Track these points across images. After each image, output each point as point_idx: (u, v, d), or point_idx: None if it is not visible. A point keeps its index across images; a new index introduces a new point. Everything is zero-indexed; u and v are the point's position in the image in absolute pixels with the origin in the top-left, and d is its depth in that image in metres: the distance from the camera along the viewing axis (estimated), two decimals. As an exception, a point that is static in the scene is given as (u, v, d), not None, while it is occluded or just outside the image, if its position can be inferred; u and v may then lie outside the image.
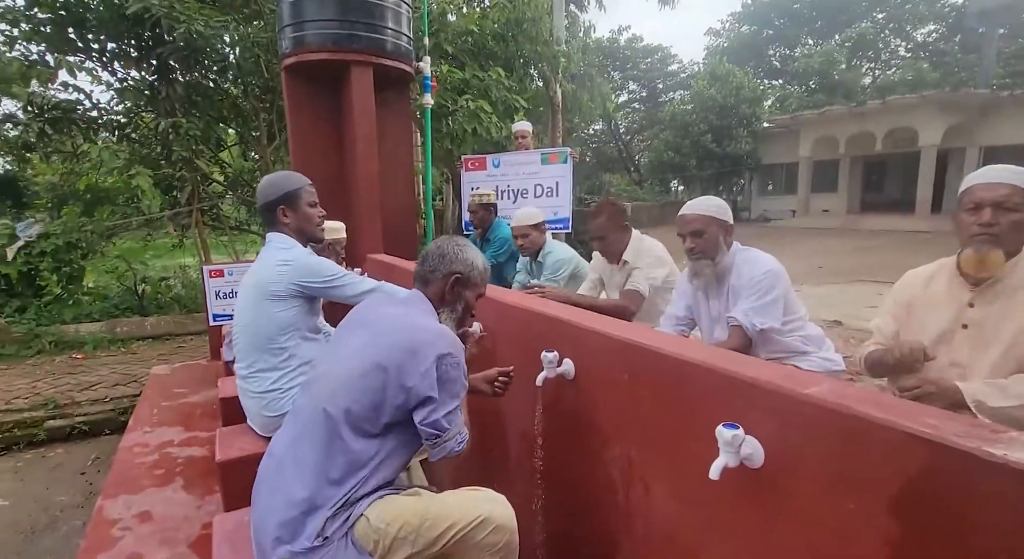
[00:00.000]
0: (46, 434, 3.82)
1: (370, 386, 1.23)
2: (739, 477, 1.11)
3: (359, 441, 1.23)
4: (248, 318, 1.88)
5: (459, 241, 1.53)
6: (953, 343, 1.50)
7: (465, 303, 1.53)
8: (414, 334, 1.28)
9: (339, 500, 1.19)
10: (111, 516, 2.02)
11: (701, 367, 1.22)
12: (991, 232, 1.40)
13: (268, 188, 1.97)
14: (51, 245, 5.52)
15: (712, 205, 1.96)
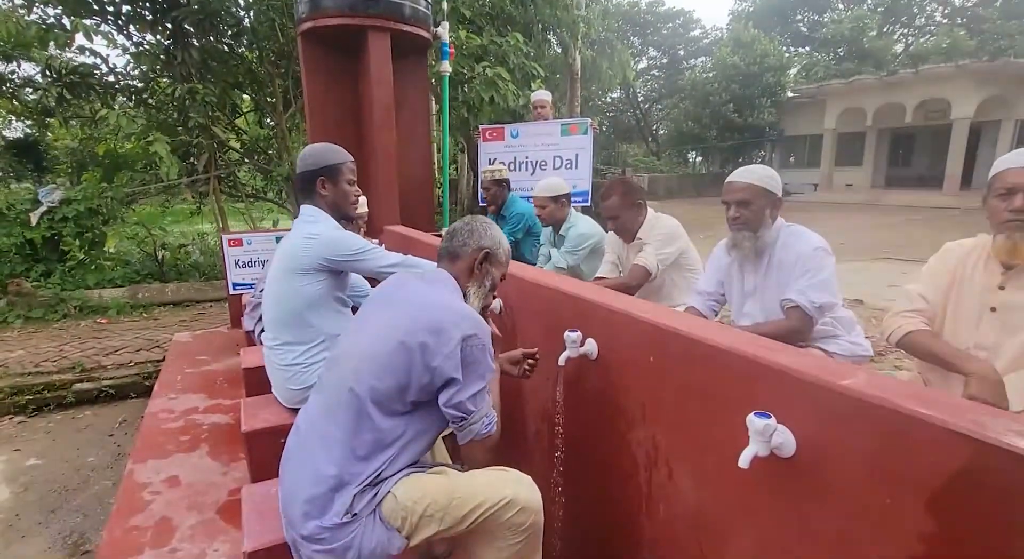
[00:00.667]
0: (75, 396, 3.93)
1: (394, 365, 1.23)
2: (768, 466, 1.10)
3: (386, 419, 1.23)
4: (276, 291, 1.89)
5: (485, 220, 1.54)
6: (981, 325, 1.46)
7: (492, 280, 1.52)
8: (439, 314, 1.27)
9: (367, 477, 1.20)
10: (141, 480, 2.08)
11: (731, 353, 1.20)
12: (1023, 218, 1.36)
13: (310, 158, 1.95)
14: (73, 211, 5.58)
15: (764, 175, 1.88)
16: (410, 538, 1.21)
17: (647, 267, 2.43)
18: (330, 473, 1.19)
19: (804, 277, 1.81)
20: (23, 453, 3.30)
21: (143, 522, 1.82)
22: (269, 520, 1.35)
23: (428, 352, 1.22)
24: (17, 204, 5.53)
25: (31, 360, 4.23)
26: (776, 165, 22.44)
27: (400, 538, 1.21)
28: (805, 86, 20.01)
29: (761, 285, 1.94)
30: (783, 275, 1.87)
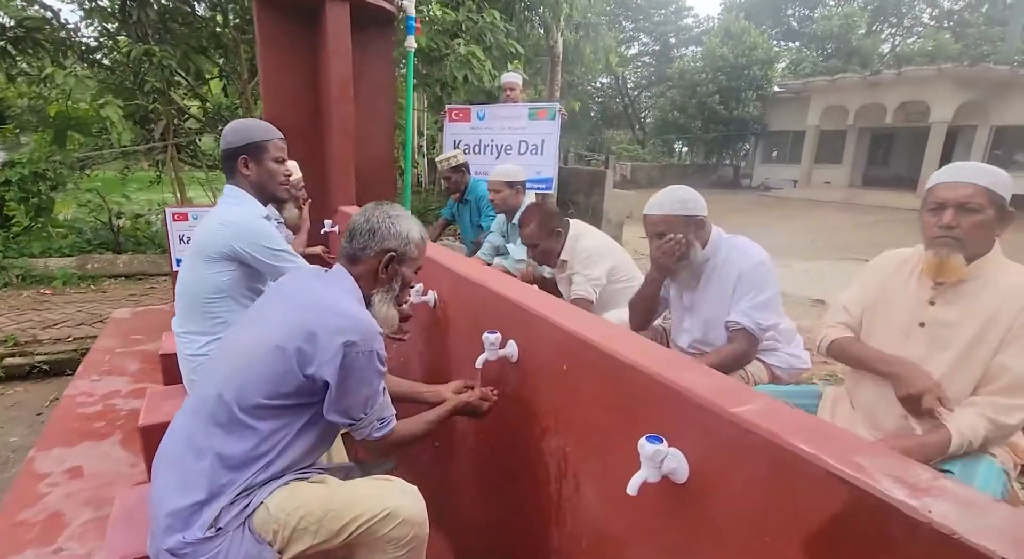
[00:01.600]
0: (4, 372, 3.75)
1: (270, 370, 1.14)
2: (663, 490, 1.05)
3: (261, 423, 1.15)
4: (186, 275, 1.77)
5: (390, 210, 1.38)
6: (909, 339, 1.42)
7: (402, 279, 1.41)
8: (320, 317, 1.18)
9: (238, 487, 1.12)
10: (41, 469, 1.96)
11: (635, 369, 1.13)
12: (952, 235, 1.31)
13: (232, 135, 1.81)
14: (16, 174, 5.30)
15: (678, 200, 1.78)
16: (283, 552, 1.14)
17: (585, 296, 2.38)
18: (198, 484, 1.11)
19: (747, 297, 1.75)
20: (-59, 430, 3.14)
21: (33, 516, 1.71)
22: (137, 529, 1.25)
23: (304, 357, 1.14)
24: (-44, 165, 5.24)
25: (-39, 331, 4.03)
26: (759, 160, 22.52)
27: (272, 552, 1.13)
28: (791, 81, 20.01)
29: (700, 301, 1.88)
30: (724, 290, 1.81)
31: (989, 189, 1.29)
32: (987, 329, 1.31)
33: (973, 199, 1.29)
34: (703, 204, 1.81)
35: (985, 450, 1.32)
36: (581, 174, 10.10)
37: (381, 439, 1.27)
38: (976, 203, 1.29)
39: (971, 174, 1.31)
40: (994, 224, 1.31)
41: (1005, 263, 1.35)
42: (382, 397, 1.26)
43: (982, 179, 1.29)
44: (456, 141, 4.68)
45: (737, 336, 1.76)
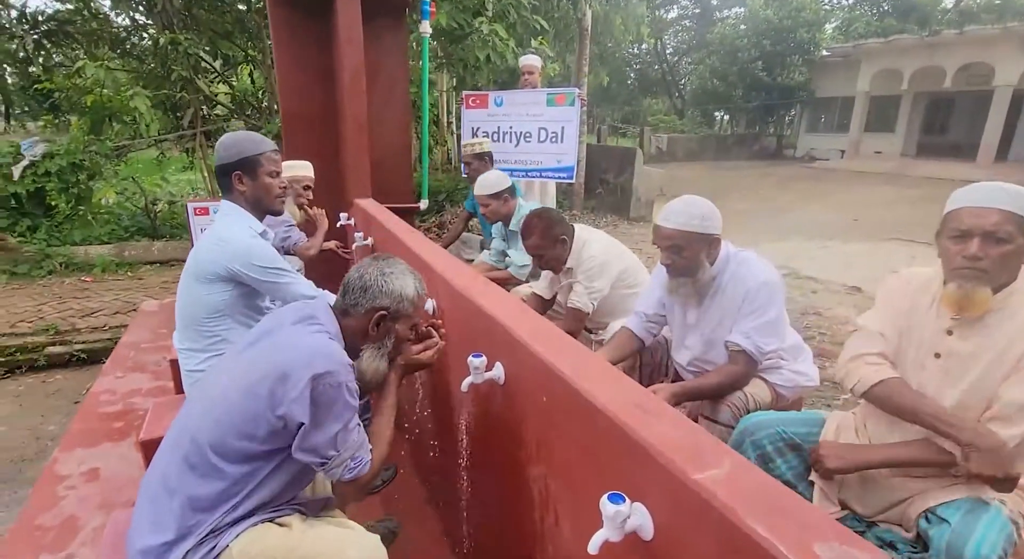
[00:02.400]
0: (46, 360, 3.97)
1: (243, 415, 1.14)
2: (630, 545, 1.01)
3: (232, 466, 1.15)
4: (183, 296, 1.79)
5: (385, 267, 1.36)
6: (924, 370, 1.31)
7: (396, 336, 1.40)
8: (290, 355, 1.16)
9: (206, 527, 1.13)
10: (62, 472, 2.07)
11: (603, 414, 1.08)
12: (978, 267, 1.18)
13: (224, 151, 1.80)
14: (55, 166, 5.51)
15: (695, 214, 1.67)
16: None
17: (581, 308, 2.30)
18: (168, 524, 1.12)
19: (750, 318, 1.66)
20: (-12, 417, 3.36)
21: (49, 521, 1.81)
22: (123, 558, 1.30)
23: (275, 399, 1.12)
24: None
25: (8, 320, 4.27)
26: (804, 129, 21.43)
27: None
28: (841, 45, 18.80)
29: (703, 319, 1.79)
30: (728, 309, 1.72)
31: (1020, 215, 1.15)
32: (1000, 361, 1.20)
33: (1002, 228, 1.15)
34: (720, 220, 1.71)
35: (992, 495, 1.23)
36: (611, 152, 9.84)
37: (355, 479, 1.23)
38: (1005, 232, 1.15)
39: (1000, 198, 1.17)
40: (1020, 254, 1.18)
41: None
42: (356, 434, 1.22)
43: (1013, 204, 1.16)
44: (474, 128, 4.60)
45: (736, 357, 1.68)
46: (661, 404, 1.11)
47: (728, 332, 1.70)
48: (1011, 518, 1.20)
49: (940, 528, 1.20)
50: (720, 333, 1.73)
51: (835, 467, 1.30)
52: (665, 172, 11.58)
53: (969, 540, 1.12)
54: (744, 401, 1.72)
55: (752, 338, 1.64)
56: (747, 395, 1.73)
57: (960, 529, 1.15)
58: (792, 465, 1.52)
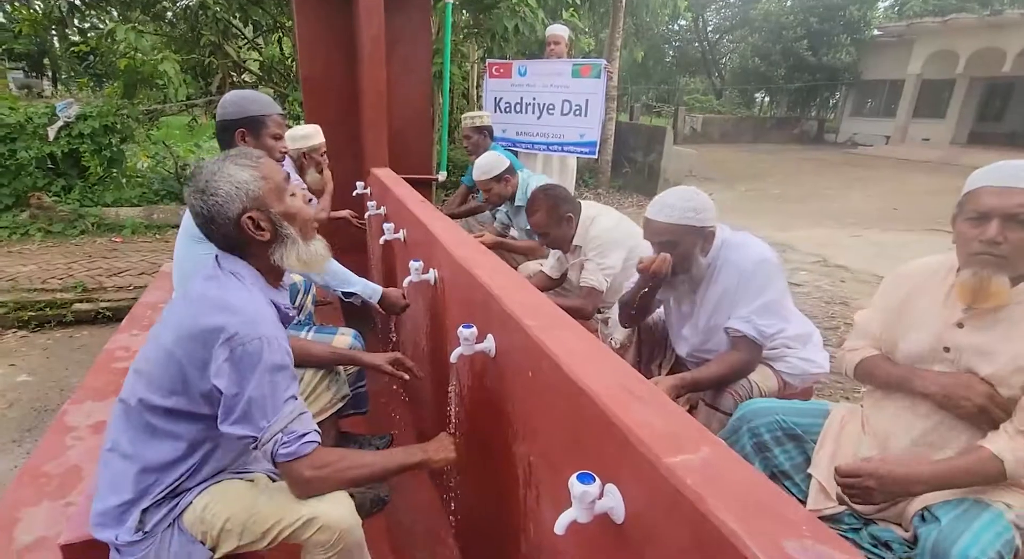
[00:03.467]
0: (73, 316, 4.10)
1: (169, 376, 1.08)
2: (602, 527, 0.98)
3: (178, 427, 1.11)
4: (178, 253, 1.79)
5: (199, 182, 1.11)
6: (934, 365, 1.23)
7: (285, 217, 1.15)
8: (203, 316, 1.05)
9: (162, 490, 1.12)
10: (71, 423, 2.12)
11: (586, 394, 1.04)
12: (996, 252, 1.08)
13: (230, 106, 1.79)
14: (88, 127, 5.63)
15: (688, 208, 1.58)
16: (215, 550, 1.15)
17: (596, 286, 2.24)
18: (124, 485, 1.11)
19: (748, 300, 1.58)
20: (17, 368, 3.49)
21: (54, 469, 1.86)
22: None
23: (200, 362, 1.05)
24: (35, 117, 5.60)
25: (40, 276, 4.42)
26: (847, 112, 20.52)
27: (204, 551, 1.14)
28: (894, 23, 17.81)
29: (698, 308, 1.72)
30: (724, 295, 1.64)
31: None
32: (1016, 362, 1.11)
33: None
34: (714, 211, 1.62)
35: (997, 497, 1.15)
36: (640, 130, 9.60)
37: (294, 461, 1.07)
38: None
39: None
40: None
41: None
42: (290, 404, 1.07)
43: None
44: (496, 98, 4.49)
45: (740, 344, 1.60)
46: (649, 387, 1.06)
47: (726, 319, 1.62)
48: (1016, 523, 1.12)
49: (931, 526, 1.13)
50: (718, 321, 1.66)
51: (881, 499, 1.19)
52: (696, 153, 11.24)
53: (958, 540, 1.05)
54: (748, 389, 1.65)
55: (752, 322, 1.56)
56: (751, 383, 1.66)
57: (950, 528, 1.08)
58: (791, 456, 1.45)
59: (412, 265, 2.15)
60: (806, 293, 5.11)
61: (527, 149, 4.53)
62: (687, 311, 1.74)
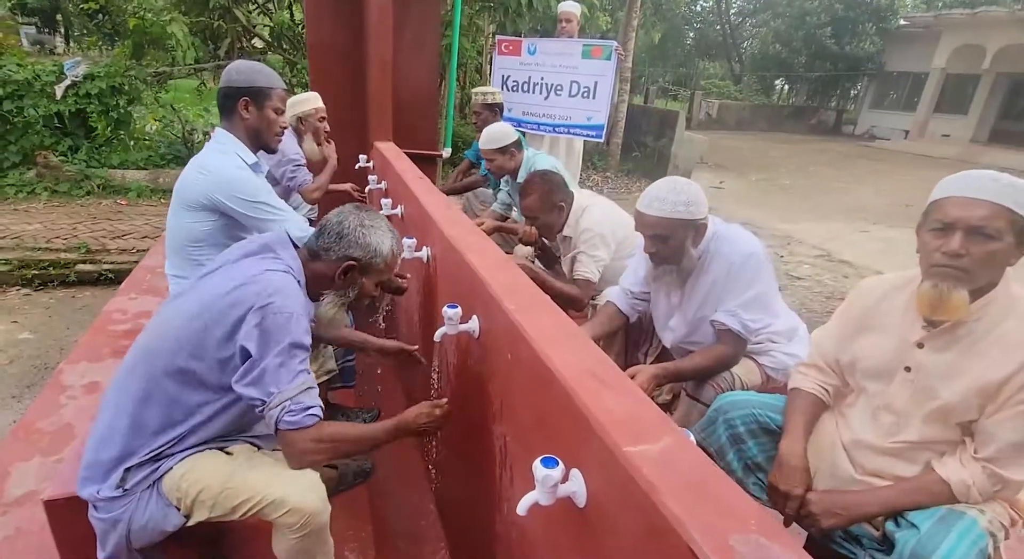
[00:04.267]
0: (76, 276, 4.15)
1: (194, 341, 1.14)
2: (565, 510, 1.00)
3: (183, 393, 1.16)
4: (170, 220, 1.80)
5: (366, 219, 1.33)
6: (892, 384, 1.21)
7: (360, 290, 1.39)
8: (240, 288, 1.16)
9: (149, 452, 1.16)
10: (66, 382, 2.16)
11: (556, 378, 1.05)
12: (957, 265, 1.05)
13: (236, 74, 1.76)
14: (96, 88, 5.60)
15: (679, 202, 1.55)
16: (189, 517, 1.19)
17: (590, 278, 2.23)
18: (114, 442, 1.15)
19: (734, 294, 1.58)
20: (19, 325, 3.55)
21: (47, 426, 1.90)
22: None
23: (226, 330, 1.13)
24: (43, 75, 5.58)
25: (45, 235, 4.46)
26: (867, 104, 20.10)
27: (178, 516, 1.18)
28: (922, 14, 17.33)
29: (686, 300, 1.71)
30: (712, 288, 1.63)
31: (1013, 210, 1.02)
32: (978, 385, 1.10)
33: (991, 223, 1.02)
34: (705, 203, 1.60)
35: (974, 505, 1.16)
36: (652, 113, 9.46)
37: (295, 430, 1.13)
38: (994, 228, 1.02)
39: (992, 189, 1.03)
40: (1010, 253, 1.05)
41: (1013, 302, 1.10)
42: (303, 376, 1.15)
43: (1006, 198, 1.02)
44: (504, 76, 4.43)
45: (725, 337, 1.60)
46: (618, 374, 1.07)
47: (713, 311, 1.62)
48: (989, 529, 1.13)
49: (908, 532, 1.14)
50: (704, 313, 1.65)
51: (831, 525, 1.19)
52: (709, 140, 11.09)
53: (937, 549, 1.06)
54: (730, 382, 1.66)
55: (738, 315, 1.56)
56: (734, 376, 1.67)
57: (929, 536, 1.09)
58: (765, 449, 1.47)
59: (405, 242, 2.15)
60: (807, 287, 5.09)
61: (533, 130, 4.48)
62: (675, 302, 1.74)
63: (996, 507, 1.17)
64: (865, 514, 1.16)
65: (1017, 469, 1.09)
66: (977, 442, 1.12)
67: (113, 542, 1.18)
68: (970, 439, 1.15)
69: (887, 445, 1.22)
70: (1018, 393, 1.05)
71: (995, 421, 1.09)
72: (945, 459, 1.16)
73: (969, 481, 1.11)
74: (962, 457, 1.14)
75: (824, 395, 1.36)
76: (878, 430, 1.24)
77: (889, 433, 1.22)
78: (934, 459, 1.18)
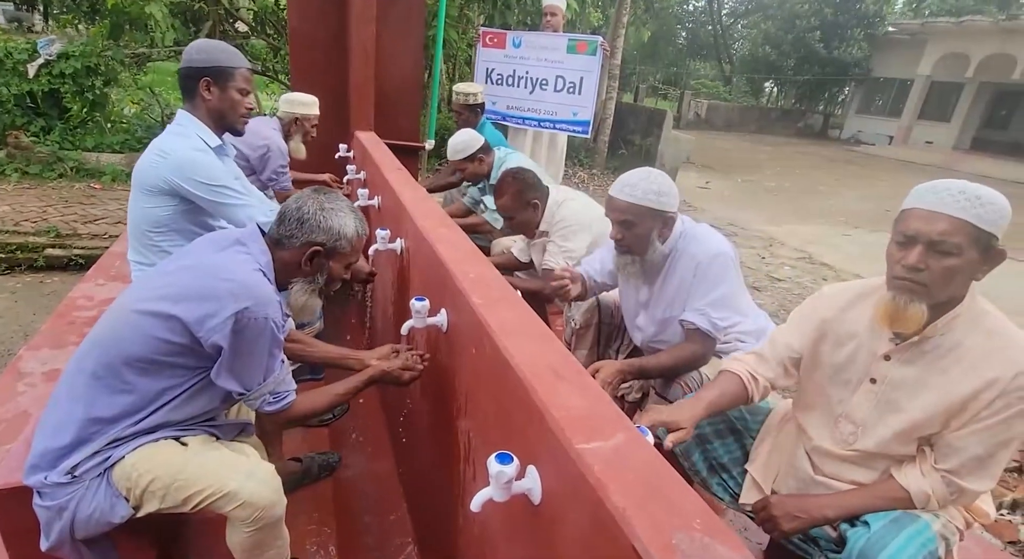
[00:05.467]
0: (45, 261, 4.04)
1: (153, 331, 1.12)
2: (521, 507, 0.99)
3: (140, 380, 1.14)
4: (131, 205, 1.74)
5: (326, 202, 1.31)
6: (856, 394, 1.20)
7: (329, 274, 1.37)
8: (213, 283, 1.15)
9: (106, 438, 1.13)
10: (25, 369, 2.10)
11: (515, 374, 1.03)
12: (916, 279, 1.04)
13: (197, 53, 1.70)
14: (70, 67, 5.45)
15: (650, 190, 1.54)
16: (138, 509, 1.15)
17: (555, 268, 2.21)
18: (67, 430, 1.12)
19: (702, 293, 1.57)
20: (-17, 309, 3.46)
21: (3, 414, 1.85)
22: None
23: (194, 323, 1.12)
24: (15, 52, 5.41)
25: (13, 217, 4.34)
26: (854, 109, 20.34)
27: (126, 507, 1.15)
28: (908, 21, 17.54)
29: (655, 299, 1.70)
30: (680, 287, 1.62)
31: (975, 225, 1.00)
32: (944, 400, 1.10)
33: (950, 238, 1.01)
34: (677, 198, 1.59)
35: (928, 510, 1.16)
36: (640, 112, 9.47)
37: (275, 414, 1.26)
38: (953, 244, 1.01)
39: (955, 204, 1.01)
40: (974, 268, 1.04)
41: (979, 317, 1.09)
42: (279, 371, 1.23)
43: (968, 211, 1.00)
44: (489, 69, 4.39)
45: (693, 336, 1.59)
46: (577, 370, 1.05)
47: (681, 311, 1.61)
48: (942, 533, 1.13)
49: (859, 531, 1.15)
50: (673, 313, 1.65)
51: (791, 528, 1.18)
52: (696, 139, 11.13)
53: (884, 549, 1.06)
54: (699, 382, 1.65)
55: (707, 314, 1.55)
56: (703, 376, 1.66)
57: (879, 536, 1.09)
58: (730, 449, 1.46)
59: (379, 233, 2.12)
60: (787, 289, 5.13)
61: (517, 124, 4.45)
62: (644, 300, 1.73)
63: (952, 511, 1.18)
64: (824, 518, 1.16)
65: (976, 480, 1.10)
66: (938, 454, 1.13)
67: (56, 531, 1.14)
68: (930, 449, 1.15)
69: (845, 452, 1.22)
70: (983, 410, 1.05)
71: (959, 435, 1.09)
72: (905, 468, 1.16)
73: (928, 491, 1.12)
74: (922, 467, 1.14)
75: (749, 382, 1.32)
76: (837, 437, 1.24)
77: (847, 442, 1.22)
78: (894, 467, 1.18)
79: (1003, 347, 1.06)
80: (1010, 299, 5.23)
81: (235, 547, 1.25)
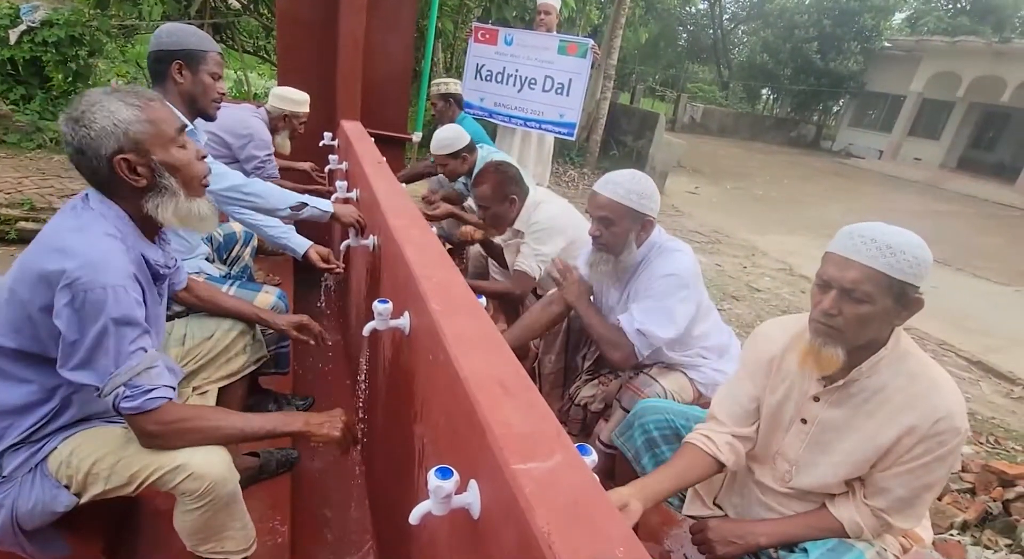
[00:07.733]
0: (17, 234, 3.95)
1: (9, 317, 1.04)
2: (462, 521, 0.99)
3: (32, 372, 1.07)
4: None
5: (73, 112, 1.04)
6: (788, 434, 1.23)
7: (167, 167, 1.09)
8: (42, 259, 1.00)
9: (21, 433, 1.08)
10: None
11: (462, 386, 1.03)
12: (830, 324, 1.06)
13: (166, 36, 1.67)
14: (53, 36, 5.31)
15: (633, 190, 1.57)
16: (80, 495, 1.11)
17: (527, 271, 2.20)
18: None
19: (640, 299, 1.62)
20: (-51, 281, 3.37)
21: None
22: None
23: (40, 303, 1.00)
24: (-3, 18, 5.27)
25: (-14, 188, 4.24)
26: (846, 122, 20.52)
27: (68, 495, 1.11)
28: (904, 38, 17.71)
29: (621, 303, 1.73)
30: (637, 294, 1.66)
31: (887, 275, 1.01)
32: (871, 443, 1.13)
33: (860, 287, 1.02)
34: (658, 203, 1.62)
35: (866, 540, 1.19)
36: (633, 113, 9.47)
37: (135, 416, 1.04)
38: (863, 292, 1.02)
39: (867, 252, 1.02)
40: (889, 316, 1.05)
41: (902, 358, 1.11)
42: (136, 356, 1.03)
43: (878, 260, 1.01)
44: (479, 65, 4.36)
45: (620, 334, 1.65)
46: (525, 385, 1.05)
47: None
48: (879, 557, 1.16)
49: (798, 556, 1.17)
50: None
51: (726, 553, 1.19)
52: (688, 143, 11.17)
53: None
54: (661, 394, 1.68)
55: (638, 319, 1.59)
56: (666, 391, 1.69)
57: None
58: (678, 453, 1.49)
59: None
60: (765, 299, 5.19)
61: (504, 122, 4.43)
62: (611, 304, 1.76)
63: (887, 538, 1.21)
64: (758, 545, 1.18)
65: (903, 519, 1.13)
66: (867, 491, 1.16)
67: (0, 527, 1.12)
68: (860, 484, 1.18)
69: (782, 489, 1.25)
70: (905, 455, 1.08)
71: (884, 477, 1.11)
72: (838, 500, 1.19)
73: (861, 523, 1.14)
74: (854, 500, 1.17)
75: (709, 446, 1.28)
76: (775, 473, 1.27)
77: (784, 479, 1.25)
78: (827, 500, 1.21)
79: (925, 393, 1.07)
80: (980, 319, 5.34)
81: (183, 530, 1.17)
